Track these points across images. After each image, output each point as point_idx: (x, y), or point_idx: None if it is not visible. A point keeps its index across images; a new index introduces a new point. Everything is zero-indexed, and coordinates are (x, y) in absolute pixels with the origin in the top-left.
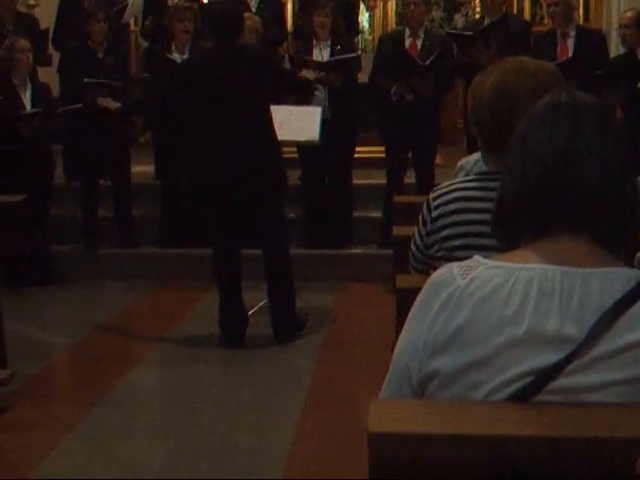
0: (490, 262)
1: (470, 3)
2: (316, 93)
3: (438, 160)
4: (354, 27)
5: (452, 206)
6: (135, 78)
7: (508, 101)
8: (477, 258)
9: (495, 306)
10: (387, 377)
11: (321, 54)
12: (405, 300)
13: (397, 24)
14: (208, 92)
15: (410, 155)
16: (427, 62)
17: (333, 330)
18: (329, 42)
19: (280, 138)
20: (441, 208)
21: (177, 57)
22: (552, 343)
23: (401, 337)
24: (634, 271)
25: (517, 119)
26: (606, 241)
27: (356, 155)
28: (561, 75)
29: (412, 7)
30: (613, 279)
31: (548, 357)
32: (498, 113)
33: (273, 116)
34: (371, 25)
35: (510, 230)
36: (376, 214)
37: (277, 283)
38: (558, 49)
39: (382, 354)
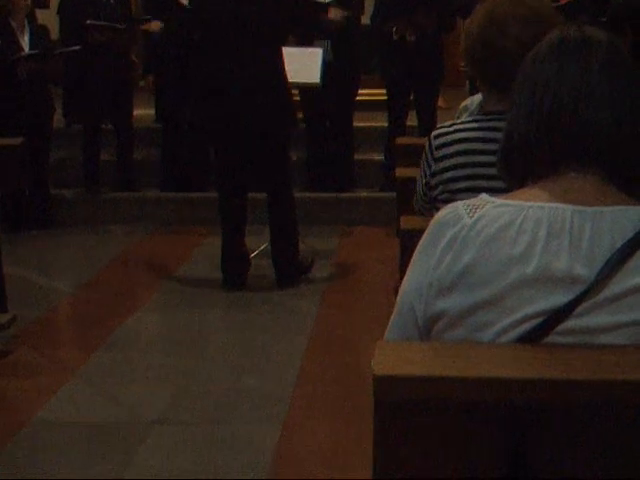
0: (497, 200)
1: None
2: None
3: (440, 103)
4: None
5: (455, 147)
6: (138, 19)
7: (498, 29)
8: (484, 196)
9: (503, 245)
10: (391, 319)
11: None
12: (409, 242)
13: None
14: (220, 26)
15: (412, 97)
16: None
17: (336, 274)
18: None
19: None
20: (444, 149)
21: None
22: (562, 283)
23: (406, 278)
24: None
25: (510, 48)
26: (617, 179)
27: (358, 98)
28: (551, 4)
29: None
30: (624, 218)
31: (558, 298)
32: (490, 44)
33: None
34: None
35: (518, 167)
36: (378, 157)
37: (281, 227)
38: None
39: (386, 297)
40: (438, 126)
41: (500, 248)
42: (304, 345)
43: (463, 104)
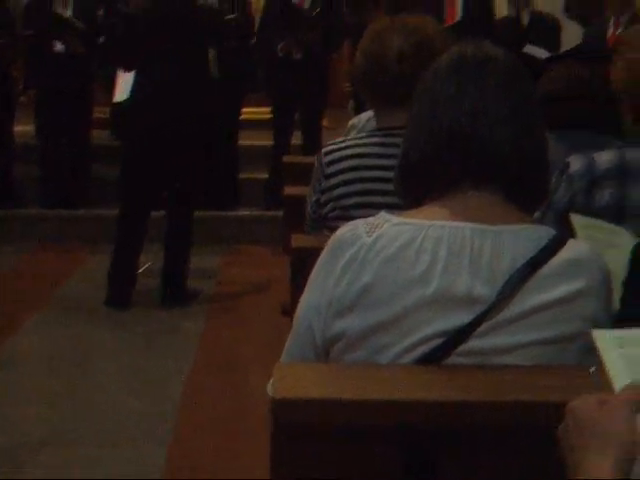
0: (397, 219)
1: None
2: None
3: (324, 123)
4: None
5: (346, 163)
6: (21, 35)
7: (381, 50)
8: (383, 215)
9: (403, 265)
10: (289, 339)
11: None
12: (300, 261)
13: None
14: (147, 37)
15: (297, 116)
16: (314, 13)
17: (221, 293)
18: None
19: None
20: (335, 165)
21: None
22: (462, 304)
23: (303, 297)
24: (546, 229)
25: (392, 68)
26: (517, 197)
27: (242, 116)
28: (437, 23)
29: None
30: (525, 237)
31: (458, 318)
32: (373, 64)
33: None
34: None
35: (416, 185)
36: (262, 175)
37: (178, 245)
38: (446, 11)
39: (272, 316)
40: (329, 143)
41: (400, 268)
42: (189, 365)
43: (351, 122)
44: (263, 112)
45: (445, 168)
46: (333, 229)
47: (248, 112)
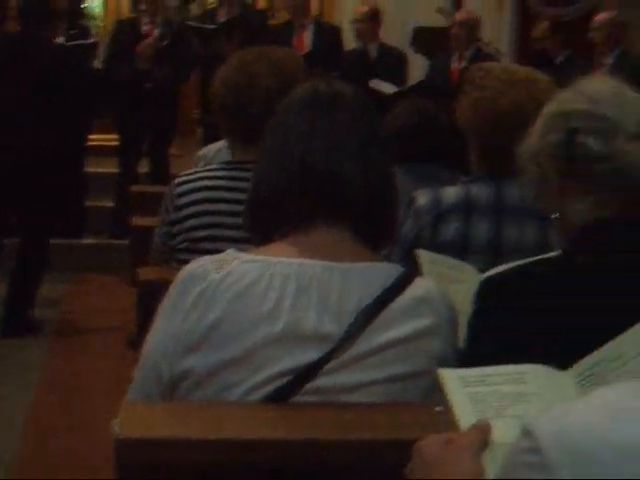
0: (246, 256)
1: None
2: None
3: (173, 150)
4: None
5: (197, 195)
6: None
7: (247, 87)
8: (232, 251)
9: (251, 302)
10: (136, 375)
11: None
12: (147, 293)
13: (131, 12)
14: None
15: (145, 144)
16: (164, 44)
17: (65, 322)
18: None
19: None
20: (186, 196)
21: None
22: (310, 341)
23: (151, 334)
24: (394, 266)
25: (259, 101)
26: (366, 234)
27: (89, 143)
28: (302, 61)
29: None
30: (373, 274)
31: (306, 355)
32: (237, 99)
33: None
34: (104, 11)
35: (266, 221)
36: (108, 203)
37: (28, 274)
38: (295, 42)
39: (117, 347)
40: (181, 174)
41: (248, 305)
42: (31, 397)
43: (200, 152)
44: (110, 139)
45: (295, 204)
46: (182, 261)
47: (95, 139)
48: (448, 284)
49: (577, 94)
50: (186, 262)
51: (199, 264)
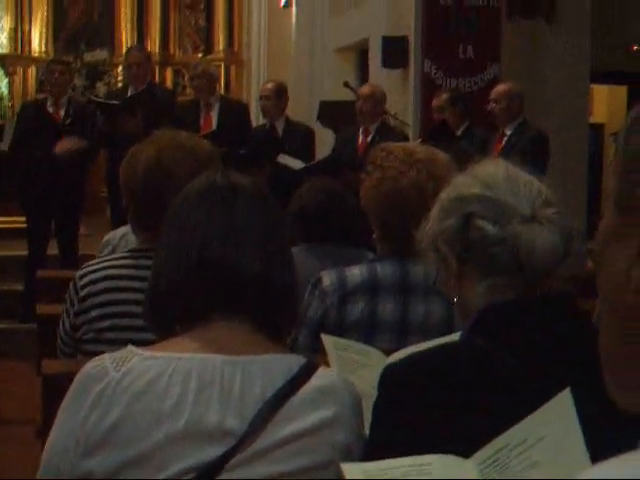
0: (146, 352)
1: (112, 71)
2: None
3: (81, 230)
4: None
5: (101, 285)
6: None
7: (162, 179)
8: (131, 348)
9: (152, 400)
10: (39, 473)
11: None
12: (51, 386)
13: (38, 91)
14: None
15: (53, 225)
16: (67, 122)
17: None
18: None
19: None
20: (89, 287)
21: None
22: (214, 437)
23: (51, 434)
24: (295, 357)
25: (171, 196)
26: (267, 325)
27: None
28: (217, 154)
29: (55, 74)
30: (274, 367)
31: (210, 452)
32: (151, 190)
33: None
34: (10, 92)
35: (166, 316)
36: (17, 287)
37: None
38: (202, 120)
39: (27, 437)
40: (84, 265)
41: (149, 403)
42: None
43: (106, 238)
44: (17, 221)
45: (194, 296)
46: (87, 353)
47: (2, 221)
48: (355, 369)
49: (473, 179)
50: (92, 353)
51: (97, 363)
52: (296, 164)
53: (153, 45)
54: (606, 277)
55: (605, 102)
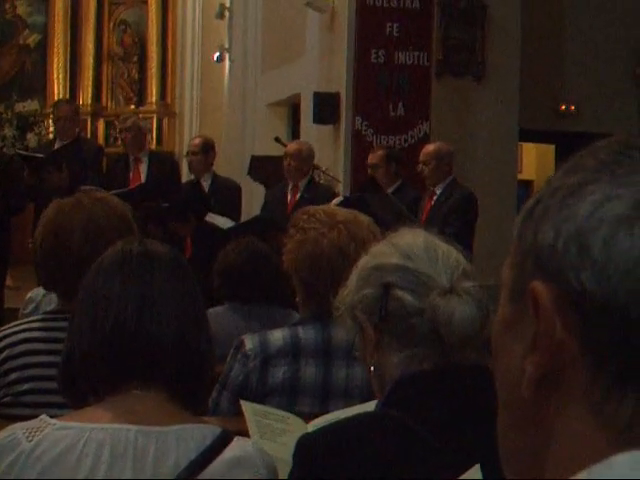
0: (59, 422)
1: (44, 122)
2: None
3: (8, 282)
4: None
5: (19, 348)
6: None
7: (58, 240)
8: (44, 418)
9: (64, 471)
10: None
11: None
12: None
13: None
14: None
15: None
16: None
17: None
18: None
19: None
20: (8, 350)
21: None
22: None
23: None
24: (210, 427)
25: (72, 261)
26: (182, 394)
27: None
28: (129, 220)
29: None
30: (189, 437)
31: None
32: (50, 252)
33: None
34: None
35: (79, 386)
36: None
37: None
38: (131, 174)
39: None
40: (2, 328)
41: (62, 474)
42: None
43: (29, 295)
44: None
45: (108, 367)
46: (5, 416)
47: None
48: (274, 437)
49: (391, 247)
50: (11, 417)
51: (8, 434)
52: (224, 222)
53: (86, 96)
54: (502, 368)
55: (534, 159)
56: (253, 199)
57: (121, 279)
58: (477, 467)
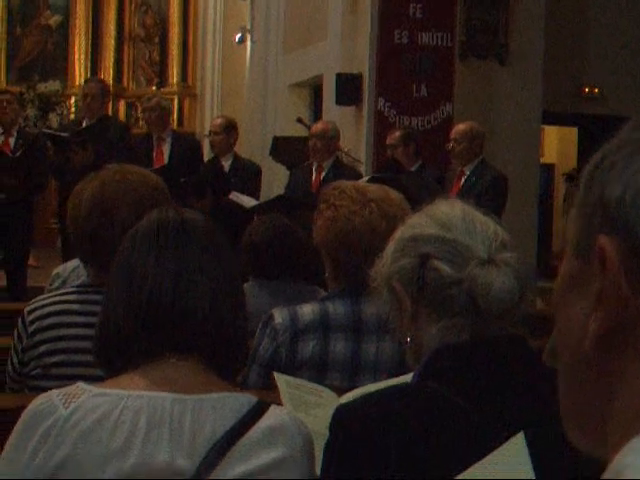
0: (95, 389)
1: (65, 103)
2: None
3: (31, 261)
4: None
5: (50, 320)
6: None
7: (106, 213)
8: (81, 384)
9: (101, 438)
10: None
11: None
12: (1, 421)
13: None
14: None
15: (1, 256)
16: (17, 154)
17: None
18: None
19: None
20: (37, 323)
21: None
22: (163, 477)
23: None
24: (246, 396)
25: (116, 233)
26: (217, 365)
27: None
28: (165, 188)
29: (5, 104)
30: (225, 406)
31: None
32: (96, 224)
33: None
34: None
35: (116, 354)
36: None
37: None
38: (154, 153)
39: None
40: (32, 300)
41: (98, 441)
42: None
43: (56, 271)
44: None
45: (143, 338)
46: (34, 388)
47: None
48: (307, 409)
49: (428, 218)
50: (40, 389)
51: (45, 399)
52: (248, 201)
53: (107, 77)
54: (564, 325)
55: (556, 143)
56: (273, 181)
57: (157, 251)
58: (521, 434)
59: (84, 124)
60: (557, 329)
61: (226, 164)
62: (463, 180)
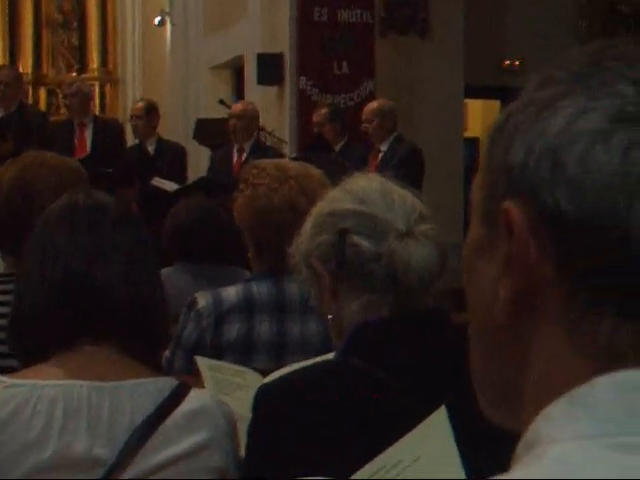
0: (9, 380)
1: None
2: None
3: None
4: None
5: None
6: None
7: (25, 198)
8: None
9: (17, 429)
10: None
11: None
12: None
13: None
14: None
15: None
16: None
17: None
18: None
19: None
20: None
21: None
22: (82, 466)
23: None
24: (167, 380)
25: (35, 217)
26: (134, 350)
27: None
28: (84, 172)
29: None
30: (144, 391)
31: None
32: (14, 210)
33: None
34: None
35: (30, 342)
36: None
37: None
38: (76, 140)
39: None
40: None
41: (14, 433)
42: None
43: None
44: None
45: (58, 320)
46: None
47: None
48: (231, 391)
49: (346, 193)
50: None
51: None
52: (170, 186)
53: (26, 64)
54: (474, 293)
55: (480, 116)
56: (199, 163)
57: (69, 230)
58: (443, 408)
59: (0, 114)
60: (468, 298)
61: (150, 148)
62: (380, 157)
